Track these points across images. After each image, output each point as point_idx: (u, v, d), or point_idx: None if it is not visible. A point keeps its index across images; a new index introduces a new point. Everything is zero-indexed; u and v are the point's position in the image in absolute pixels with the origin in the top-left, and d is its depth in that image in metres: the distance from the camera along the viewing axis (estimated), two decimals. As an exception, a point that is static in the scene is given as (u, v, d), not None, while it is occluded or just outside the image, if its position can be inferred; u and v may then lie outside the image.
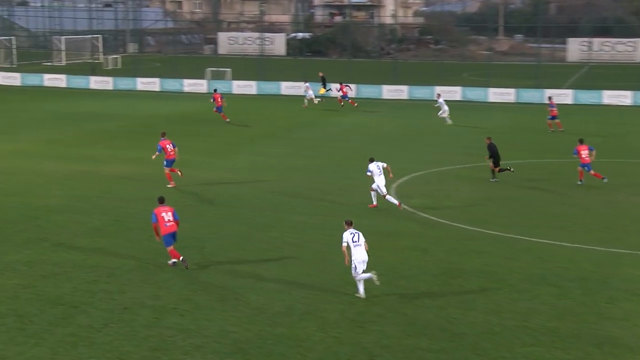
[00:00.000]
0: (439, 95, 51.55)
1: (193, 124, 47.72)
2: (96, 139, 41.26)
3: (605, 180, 31.09)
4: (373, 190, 27.02)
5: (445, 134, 44.86)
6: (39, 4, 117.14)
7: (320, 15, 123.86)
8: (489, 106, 59.54)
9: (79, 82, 69.70)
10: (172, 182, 30.25)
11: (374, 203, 27.11)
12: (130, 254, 21.51)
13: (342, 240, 18.81)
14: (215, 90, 51.35)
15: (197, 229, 24.25)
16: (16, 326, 16.68)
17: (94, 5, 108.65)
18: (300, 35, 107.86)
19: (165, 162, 30.24)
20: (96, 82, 69.59)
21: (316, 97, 57.56)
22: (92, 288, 18.95)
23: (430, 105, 54.44)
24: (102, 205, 27.02)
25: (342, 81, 58.64)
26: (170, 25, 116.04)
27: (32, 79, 70.71)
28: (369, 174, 26.93)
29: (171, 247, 20.43)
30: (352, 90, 58.42)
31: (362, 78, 69.21)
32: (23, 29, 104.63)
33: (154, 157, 30.62)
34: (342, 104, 55.73)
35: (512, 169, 31.78)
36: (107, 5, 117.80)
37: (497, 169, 31.48)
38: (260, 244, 22.76)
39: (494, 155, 31.27)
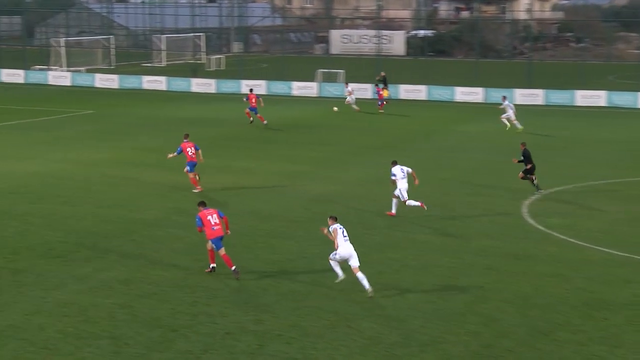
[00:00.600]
0: (504, 97, 50.72)
1: (302, 131, 48.21)
2: (204, 147, 42.13)
3: None
4: (395, 197, 27.86)
5: (587, 145, 43.81)
6: (139, 0, 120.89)
7: (444, 11, 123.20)
8: (639, 113, 57.86)
9: (179, 84, 71.43)
10: (199, 187, 31.46)
11: (393, 211, 27.87)
12: (229, 275, 21.84)
13: (329, 229, 20.60)
14: (251, 90, 52.24)
15: (306, 247, 24.47)
16: (111, 349, 17.19)
17: (197, 2, 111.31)
18: (422, 32, 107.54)
19: (187, 167, 31.53)
20: (198, 85, 71.19)
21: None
22: (192, 310, 19.36)
23: (569, 113, 53.34)
24: (203, 220, 27.58)
25: (377, 83, 59.56)
26: (278, 22, 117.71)
27: (131, 81, 72.91)
28: (393, 177, 27.83)
29: (223, 251, 21.39)
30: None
31: (491, 81, 68.41)
32: (122, 27, 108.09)
33: (169, 156, 32.01)
34: (382, 110, 56.45)
35: (538, 191, 31.50)
36: (211, 1, 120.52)
37: (532, 177, 31.62)
38: (376, 265, 22.75)
39: (528, 162, 31.54)
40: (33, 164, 36.68)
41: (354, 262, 20.30)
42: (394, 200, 28.04)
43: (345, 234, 20.63)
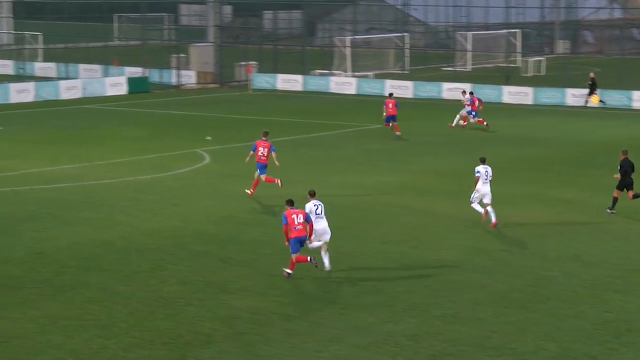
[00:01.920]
0: None
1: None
2: (510, 172, 42.06)
3: None
4: (474, 201, 31.61)
5: None
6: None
7: None
8: None
9: (487, 93, 71.45)
10: (252, 190, 35.60)
11: (493, 220, 31.29)
12: (548, 334, 21.59)
13: (305, 210, 25.53)
14: (390, 95, 54.37)
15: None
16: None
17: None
18: None
19: (257, 165, 35.49)
20: (510, 94, 71.06)
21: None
22: (495, 377, 19.34)
23: None
24: (509, 264, 27.53)
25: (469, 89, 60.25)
26: (617, 14, 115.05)
27: (428, 89, 74.04)
28: (477, 174, 31.46)
29: (295, 256, 25.26)
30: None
31: None
32: (419, 22, 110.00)
33: (247, 159, 36.06)
34: (466, 123, 55.47)
35: (612, 212, 33.29)
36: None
37: (630, 193, 33.24)
38: None
39: (623, 175, 33.12)
40: (307, 188, 38.02)
41: (326, 238, 25.84)
42: (475, 206, 31.67)
43: (320, 210, 25.81)
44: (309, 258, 25.41)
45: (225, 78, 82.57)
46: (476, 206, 31.66)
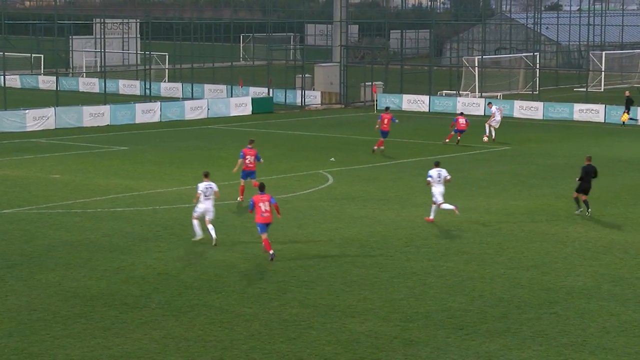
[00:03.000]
0: None
1: None
2: (637, 197, 41.51)
3: None
4: (434, 203, 35.03)
5: None
6: (575, 8, 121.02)
7: None
8: None
9: (620, 115, 70.76)
10: (241, 197, 38.48)
11: (431, 217, 35.36)
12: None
13: (197, 189, 31.53)
14: (387, 109, 57.11)
15: None
16: None
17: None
18: None
19: (241, 173, 38.49)
20: (649, 116, 70.19)
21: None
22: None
23: None
24: (645, 292, 27.09)
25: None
26: None
27: (558, 111, 73.39)
28: (429, 179, 35.14)
29: (265, 236, 29.41)
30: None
31: None
32: (551, 41, 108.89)
33: (235, 169, 39.08)
34: (448, 141, 57.90)
35: (580, 212, 36.72)
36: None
37: (583, 197, 36.74)
38: None
39: (582, 179, 36.71)
40: (439, 212, 38.01)
41: (209, 217, 31.44)
42: (433, 207, 35.20)
43: (209, 193, 31.30)
44: (271, 252, 29.56)
45: (350, 98, 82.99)
46: (435, 209, 35.30)
